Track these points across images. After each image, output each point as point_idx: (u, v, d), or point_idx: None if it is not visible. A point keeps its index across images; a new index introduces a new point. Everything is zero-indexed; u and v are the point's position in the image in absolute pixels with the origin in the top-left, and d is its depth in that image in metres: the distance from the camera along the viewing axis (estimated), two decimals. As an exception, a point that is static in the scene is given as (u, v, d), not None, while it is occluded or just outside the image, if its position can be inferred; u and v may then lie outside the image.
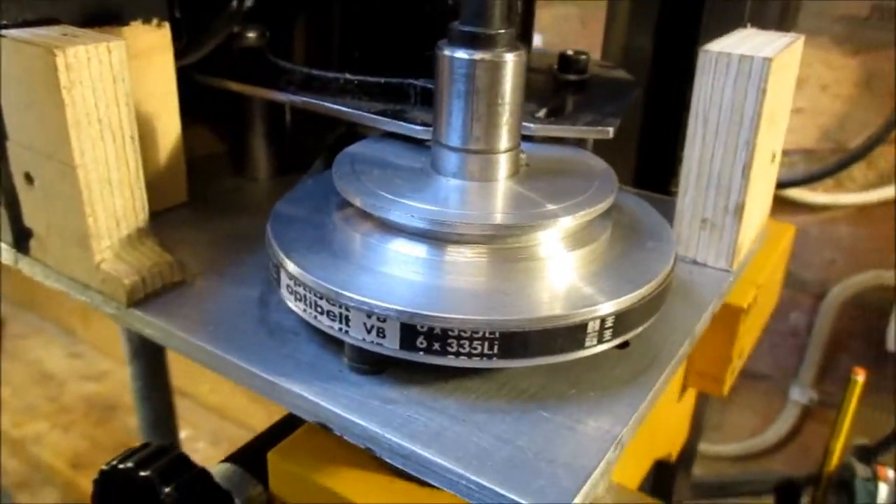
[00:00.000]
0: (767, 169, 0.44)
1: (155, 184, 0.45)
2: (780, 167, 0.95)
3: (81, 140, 0.34)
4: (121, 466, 0.38)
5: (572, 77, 0.48)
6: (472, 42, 0.32)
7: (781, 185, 0.94)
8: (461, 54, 0.32)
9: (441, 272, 0.32)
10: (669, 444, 0.65)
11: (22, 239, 0.40)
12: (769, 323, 1.03)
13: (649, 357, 0.34)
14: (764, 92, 0.37)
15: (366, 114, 0.40)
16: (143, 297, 0.37)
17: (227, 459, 0.43)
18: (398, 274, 0.31)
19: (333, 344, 0.33)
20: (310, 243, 0.34)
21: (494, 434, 0.28)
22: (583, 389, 0.31)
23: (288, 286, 0.32)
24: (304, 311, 0.32)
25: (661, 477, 0.75)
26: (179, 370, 0.97)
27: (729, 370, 0.53)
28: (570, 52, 0.49)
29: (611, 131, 0.40)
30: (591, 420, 0.30)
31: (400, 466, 0.28)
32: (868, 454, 0.91)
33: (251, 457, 0.42)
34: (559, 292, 0.31)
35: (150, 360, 0.88)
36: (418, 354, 0.29)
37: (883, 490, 0.80)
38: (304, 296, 0.31)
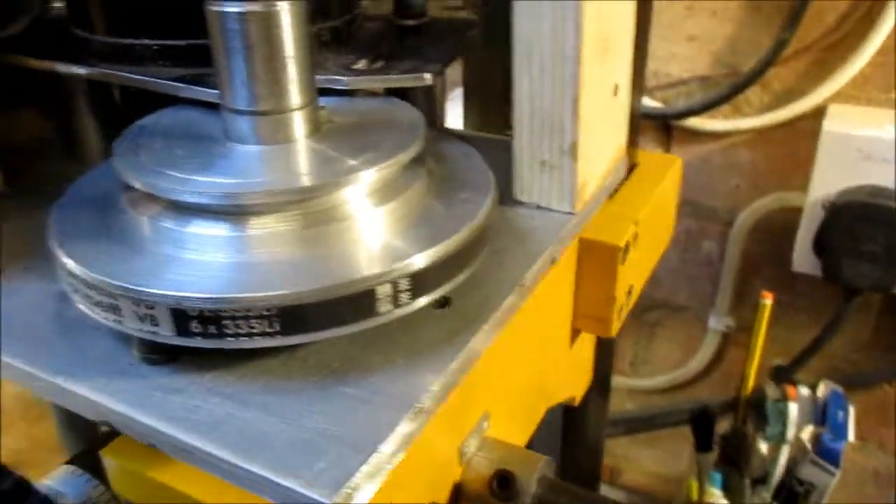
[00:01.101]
0: (609, 103, 0.42)
1: (-40, 177, 0.41)
2: (678, 97, 0.94)
3: None
4: (-67, 484, 0.35)
5: (409, 22, 0.46)
6: (239, -7, 0.29)
7: (680, 114, 0.93)
8: (229, 7, 0.29)
9: (235, 249, 0.29)
10: (568, 388, 0.64)
11: None
12: (683, 254, 1.03)
13: (472, 313, 0.32)
14: (580, 20, 0.35)
15: (162, 81, 0.37)
16: (-69, 303, 0.34)
17: (69, 462, 0.41)
18: (186, 256, 0.29)
19: (127, 336, 0.30)
20: (91, 231, 0.31)
21: (281, 416, 0.27)
22: (391, 357, 0.30)
23: (63, 278, 0.30)
24: (80, 303, 0.29)
25: (571, 420, 0.75)
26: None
27: (615, 310, 0.51)
28: (404, -4, 0.46)
29: (428, 77, 0.37)
30: (391, 389, 0.28)
31: (183, 461, 0.26)
32: (784, 374, 0.93)
33: (93, 457, 0.40)
34: (353, 256, 0.29)
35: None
36: (195, 339, 0.27)
37: (793, 408, 0.82)
38: (77, 287, 0.29)
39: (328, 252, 0.29)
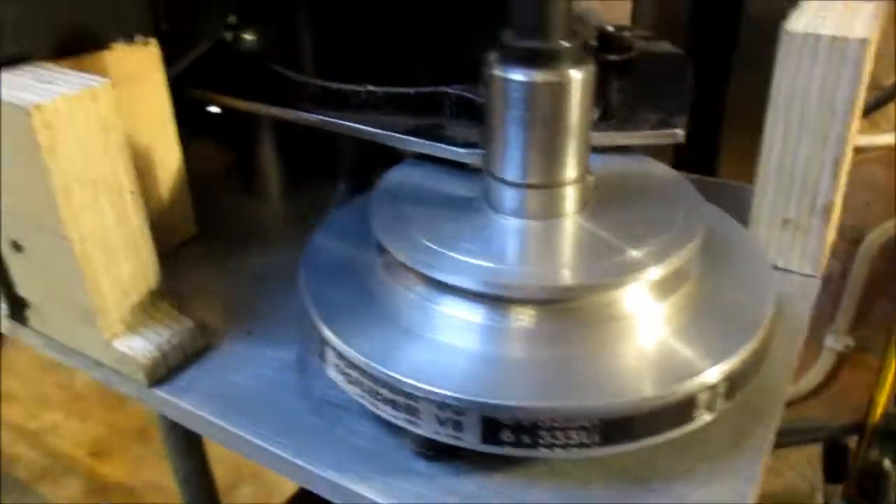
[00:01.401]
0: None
1: (160, 223, 0.39)
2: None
3: (73, 207, 0.29)
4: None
5: (614, 57, 0.43)
6: (530, 60, 0.27)
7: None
8: (517, 76, 0.27)
9: (514, 342, 0.27)
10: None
11: (17, 309, 0.35)
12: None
13: (754, 406, 0.29)
14: (860, 77, 0.32)
15: (396, 134, 0.34)
16: (166, 373, 0.32)
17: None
18: (467, 347, 0.27)
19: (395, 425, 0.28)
20: (352, 305, 0.29)
21: (602, 535, 0.24)
22: (689, 462, 0.27)
23: (337, 366, 0.28)
24: (361, 396, 0.27)
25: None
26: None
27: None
28: (610, 28, 0.43)
29: (681, 134, 0.35)
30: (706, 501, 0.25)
31: (494, 582, 0.24)
32: (912, 401, 0.88)
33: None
34: (657, 360, 0.26)
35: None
36: (504, 448, 0.25)
37: (936, 442, 0.78)
38: (360, 381, 0.27)
39: (621, 352, 0.27)
